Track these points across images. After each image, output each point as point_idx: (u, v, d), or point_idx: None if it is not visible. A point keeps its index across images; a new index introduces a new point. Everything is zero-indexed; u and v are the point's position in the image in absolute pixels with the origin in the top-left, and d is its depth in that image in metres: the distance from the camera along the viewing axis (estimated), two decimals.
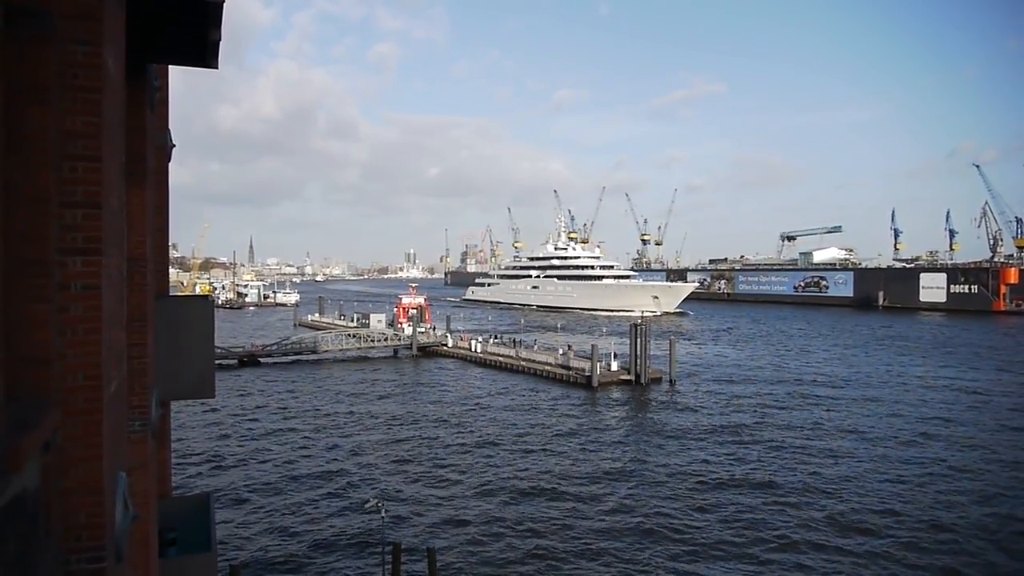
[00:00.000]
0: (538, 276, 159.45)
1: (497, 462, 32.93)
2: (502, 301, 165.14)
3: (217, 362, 58.46)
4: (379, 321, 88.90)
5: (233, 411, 44.61)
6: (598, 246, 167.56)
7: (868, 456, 34.09)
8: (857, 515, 26.35)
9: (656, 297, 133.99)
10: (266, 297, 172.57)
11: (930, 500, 27.97)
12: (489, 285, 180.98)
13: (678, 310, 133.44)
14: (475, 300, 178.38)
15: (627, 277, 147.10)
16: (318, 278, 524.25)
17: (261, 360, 65.84)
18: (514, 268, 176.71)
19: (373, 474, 31.25)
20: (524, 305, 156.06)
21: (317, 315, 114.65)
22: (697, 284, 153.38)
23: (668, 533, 24.70)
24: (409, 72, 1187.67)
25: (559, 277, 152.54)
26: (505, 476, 30.78)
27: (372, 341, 72.01)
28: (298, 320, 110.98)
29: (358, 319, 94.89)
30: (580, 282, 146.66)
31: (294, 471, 31.75)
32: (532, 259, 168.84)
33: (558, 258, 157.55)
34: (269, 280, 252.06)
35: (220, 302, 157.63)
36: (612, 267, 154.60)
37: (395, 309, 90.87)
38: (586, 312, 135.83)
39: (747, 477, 30.80)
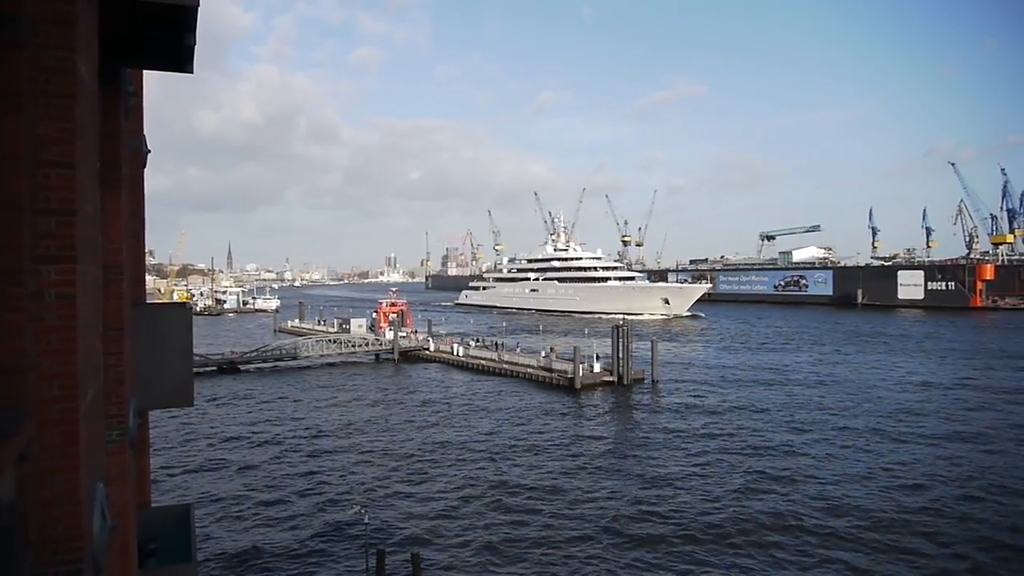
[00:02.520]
0: (537, 279, 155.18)
1: (479, 467, 32.88)
2: (498, 305, 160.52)
3: (196, 370, 58.14)
4: (360, 326, 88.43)
5: (213, 420, 44.17)
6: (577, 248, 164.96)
7: (869, 462, 34.16)
8: (861, 528, 26.55)
9: (666, 300, 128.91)
10: (245, 303, 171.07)
11: (947, 522, 28.24)
12: (484, 289, 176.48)
13: (689, 313, 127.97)
14: (469, 305, 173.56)
15: (633, 278, 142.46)
16: (297, 283, 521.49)
17: (241, 367, 65.33)
18: (511, 271, 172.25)
19: (355, 481, 31.09)
20: (522, 309, 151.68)
21: (297, 321, 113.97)
22: (709, 285, 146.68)
23: (652, 539, 24.80)
24: (390, 75, 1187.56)
25: (560, 279, 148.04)
26: (487, 481, 30.74)
27: (353, 346, 71.71)
28: (278, 326, 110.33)
29: (339, 324, 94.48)
30: (582, 284, 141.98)
31: (275, 479, 31.51)
32: (531, 261, 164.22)
33: (558, 259, 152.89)
34: (248, 286, 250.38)
35: (198, 309, 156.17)
36: (616, 268, 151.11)
37: (376, 314, 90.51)
38: (589, 316, 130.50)
39: (720, 481, 30.97)
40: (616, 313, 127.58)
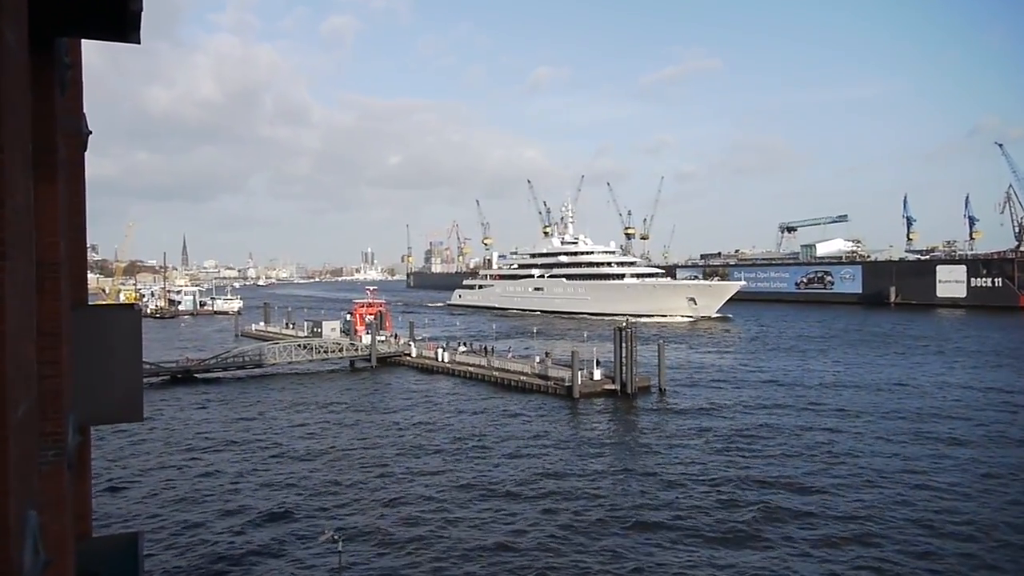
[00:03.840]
0: (542, 276, 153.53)
1: (464, 489, 32.82)
2: (497, 307, 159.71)
3: (146, 380, 57.93)
4: (333, 329, 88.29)
5: (166, 436, 44.01)
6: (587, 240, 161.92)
7: (912, 496, 34.07)
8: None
9: (692, 299, 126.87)
10: (203, 304, 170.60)
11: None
12: (480, 288, 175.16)
13: (719, 315, 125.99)
14: (463, 306, 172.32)
15: (653, 275, 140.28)
16: (262, 282, 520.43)
17: (198, 376, 65.09)
18: (511, 267, 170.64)
19: (328, 503, 31.02)
20: (525, 311, 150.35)
21: (262, 324, 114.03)
22: (742, 282, 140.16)
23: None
24: (368, 49, 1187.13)
25: (568, 277, 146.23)
26: (472, 504, 30.72)
27: (325, 352, 71.59)
28: (240, 330, 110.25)
29: (309, 328, 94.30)
30: (595, 282, 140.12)
31: (237, 502, 31.41)
32: (534, 256, 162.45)
33: (566, 254, 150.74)
34: (206, 285, 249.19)
35: (149, 311, 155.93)
36: (634, 263, 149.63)
37: (351, 316, 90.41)
38: (602, 319, 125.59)
39: (738, 508, 31.05)
40: (634, 315, 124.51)
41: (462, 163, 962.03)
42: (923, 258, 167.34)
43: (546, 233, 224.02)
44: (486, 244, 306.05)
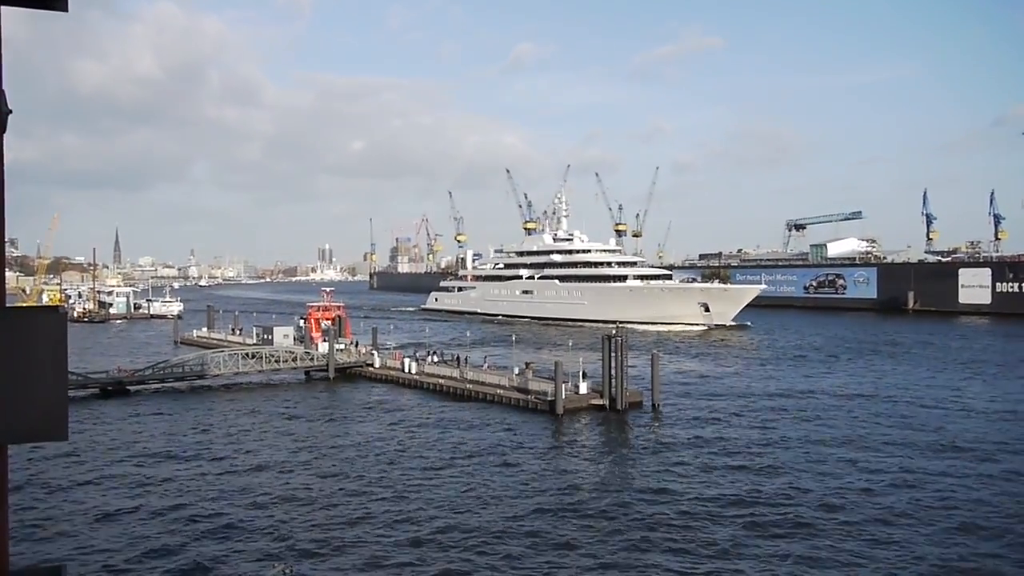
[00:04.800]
0: (531, 277, 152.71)
1: (430, 520, 32.69)
2: (479, 312, 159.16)
3: (72, 393, 57.39)
4: (286, 336, 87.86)
5: (94, 456, 43.60)
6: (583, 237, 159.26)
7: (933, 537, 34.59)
8: None
9: (705, 305, 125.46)
10: (138, 307, 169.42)
11: None
12: (459, 290, 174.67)
13: (734, 322, 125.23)
14: (440, 311, 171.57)
15: (659, 277, 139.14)
16: (205, 282, 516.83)
17: (131, 389, 64.51)
18: (496, 266, 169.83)
19: (278, 534, 30.85)
20: (512, 317, 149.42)
21: (205, 330, 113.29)
22: (762, 286, 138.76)
23: None
24: (328, 20, 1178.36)
25: (561, 278, 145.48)
26: (439, 539, 30.58)
27: (276, 362, 71.19)
28: (180, 337, 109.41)
29: (258, 334, 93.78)
30: (593, 284, 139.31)
31: (175, 530, 31.17)
32: (521, 254, 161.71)
33: (560, 252, 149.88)
34: (141, 285, 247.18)
35: (76, 314, 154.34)
36: (636, 263, 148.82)
37: (306, 321, 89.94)
38: (603, 326, 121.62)
39: (741, 557, 31.22)
40: (638, 322, 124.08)
41: (433, 150, 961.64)
42: (944, 260, 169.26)
43: (527, 229, 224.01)
44: (459, 241, 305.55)
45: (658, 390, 56.97)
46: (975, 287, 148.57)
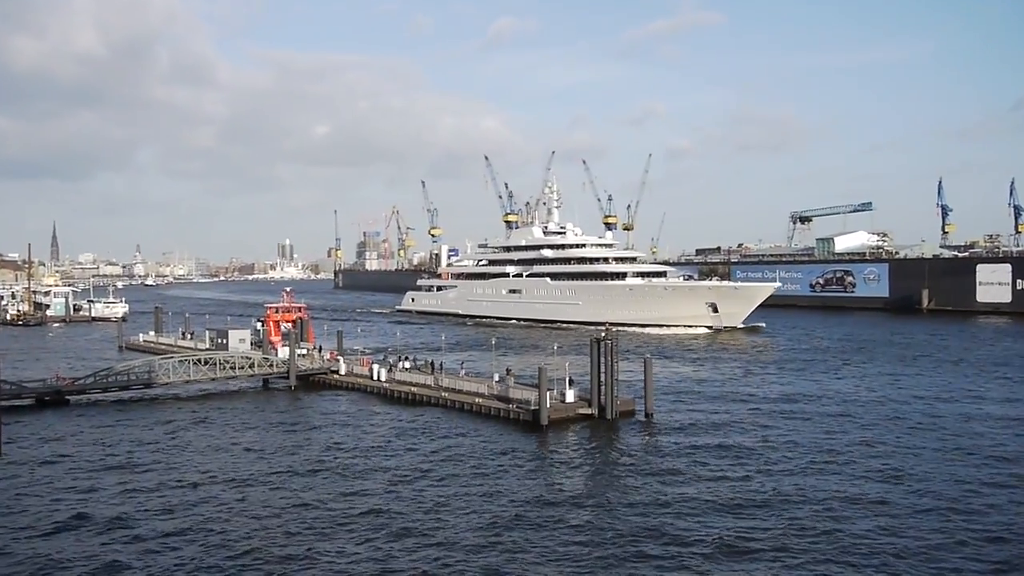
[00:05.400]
0: (519, 274, 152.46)
1: (399, 541, 32.36)
2: (461, 313, 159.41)
3: (3, 403, 56.67)
4: (242, 341, 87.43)
5: (28, 474, 43.07)
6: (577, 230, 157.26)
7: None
8: None
9: (713, 305, 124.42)
10: (78, 309, 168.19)
11: None
12: (439, 289, 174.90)
13: (744, 324, 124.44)
14: (417, 312, 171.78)
15: (661, 274, 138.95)
16: (150, 281, 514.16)
17: (71, 399, 64.00)
18: (480, 262, 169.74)
19: (229, 565, 30.53)
20: (498, 319, 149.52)
21: (153, 333, 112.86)
22: (776, 284, 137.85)
23: None
24: None
25: (553, 276, 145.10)
26: (409, 565, 30.27)
27: (232, 369, 70.70)
28: (125, 341, 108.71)
29: (212, 338, 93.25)
30: (588, 283, 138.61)
31: (117, 551, 30.78)
32: (508, 249, 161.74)
33: (551, 247, 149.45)
34: (82, 285, 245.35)
35: (9, 317, 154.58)
36: (635, 259, 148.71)
37: (264, 324, 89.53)
38: (599, 328, 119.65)
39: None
40: (639, 325, 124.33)
41: (404, 135, 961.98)
42: (961, 255, 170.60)
43: (508, 222, 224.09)
44: (433, 235, 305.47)
45: (652, 397, 56.97)
46: (994, 284, 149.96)
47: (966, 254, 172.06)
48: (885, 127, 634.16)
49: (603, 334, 56.37)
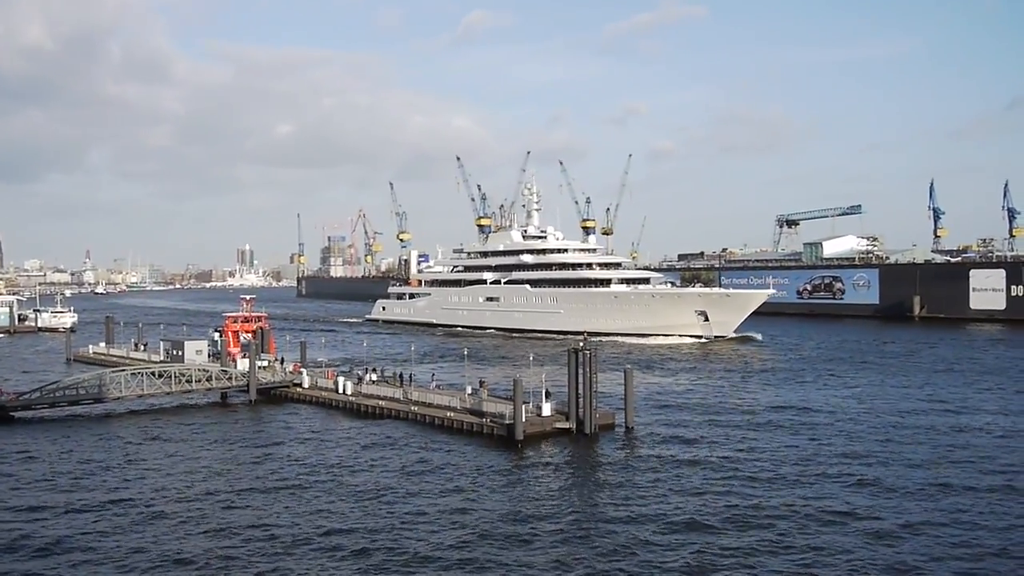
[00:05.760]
0: (497, 281, 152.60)
1: (364, 566, 32.31)
2: (435, 322, 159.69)
3: None
4: (199, 352, 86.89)
5: None
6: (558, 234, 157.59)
7: None
8: None
9: (703, 314, 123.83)
10: (22, 319, 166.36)
11: None
12: (411, 297, 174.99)
13: (737, 334, 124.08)
14: (388, 321, 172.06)
15: (647, 281, 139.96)
16: (101, 289, 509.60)
17: (15, 415, 63.39)
18: (455, 269, 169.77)
19: None
20: (474, 328, 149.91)
21: (103, 345, 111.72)
22: (771, 290, 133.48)
23: None
24: None
25: (533, 283, 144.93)
26: None
27: (188, 382, 70.24)
28: (74, 353, 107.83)
29: (167, 350, 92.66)
30: (570, 290, 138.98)
31: None
32: (486, 254, 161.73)
33: (531, 252, 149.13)
34: (28, 293, 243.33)
35: None
36: (620, 264, 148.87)
37: (222, 334, 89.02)
38: (582, 338, 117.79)
39: None
40: (624, 334, 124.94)
41: (371, 134, 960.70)
42: (953, 260, 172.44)
43: (480, 226, 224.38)
44: (402, 240, 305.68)
45: (632, 410, 57.27)
46: (988, 291, 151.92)
47: (959, 259, 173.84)
48: (876, 127, 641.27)
49: (581, 343, 56.56)
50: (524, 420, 53.78)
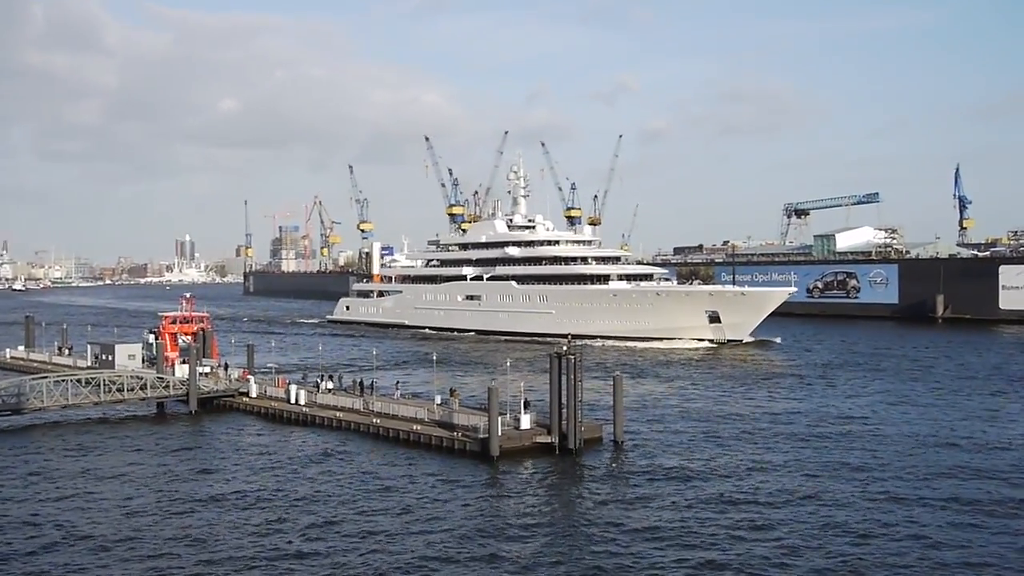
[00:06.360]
0: (479, 277, 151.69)
1: None
2: (407, 324, 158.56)
3: None
4: (131, 357, 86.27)
5: None
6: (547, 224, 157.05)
7: None
8: None
9: (714, 315, 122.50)
10: None
11: None
12: (380, 295, 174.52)
13: (752, 338, 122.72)
14: (353, 322, 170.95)
15: (648, 277, 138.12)
16: (19, 285, 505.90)
17: None
18: (430, 263, 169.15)
19: None
20: (453, 331, 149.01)
21: (22, 349, 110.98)
22: (792, 289, 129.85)
23: None
24: None
25: (520, 279, 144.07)
26: None
27: (120, 391, 69.71)
28: None
29: (95, 354, 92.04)
30: (563, 287, 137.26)
31: None
32: (465, 247, 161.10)
33: (517, 243, 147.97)
34: None
35: None
36: (619, 259, 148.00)
37: (158, 336, 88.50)
38: (576, 342, 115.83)
39: None
40: (624, 338, 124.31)
41: (328, 111, 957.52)
42: (981, 255, 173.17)
43: (452, 215, 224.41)
44: (363, 230, 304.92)
45: (622, 422, 57.23)
46: (1019, 288, 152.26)
47: (987, 253, 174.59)
48: (895, 105, 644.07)
49: (565, 347, 56.38)
50: (500, 434, 53.65)
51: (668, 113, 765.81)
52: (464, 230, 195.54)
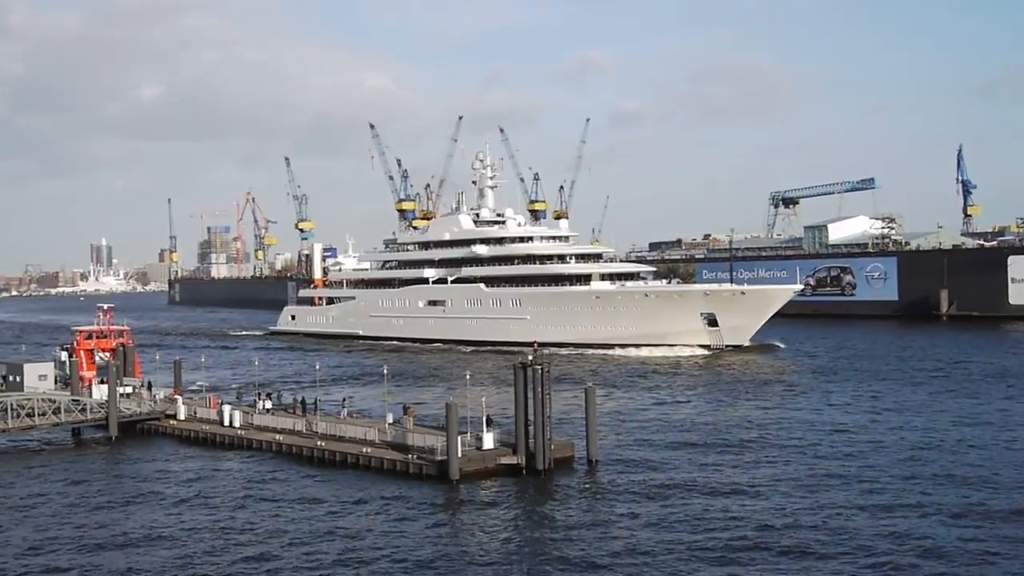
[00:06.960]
0: (442, 280, 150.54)
1: None
2: (362, 334, 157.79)
3: None
4: (43, 377, 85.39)
5: None
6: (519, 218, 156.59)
7: None
8: None
9: (710, 318, 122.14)
10: None
11: None
12: (330, 303, 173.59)
13: (752, 342, 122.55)
14: (299, 334, 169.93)
15: (634, 276, 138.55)
16: None
17: None
18: (387, 264, 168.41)
19: None
20: (414, 342, 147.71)
21: None
22: (798, 286, 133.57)
23: None
24: None
25: (490, 280, 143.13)
26: None
27: (29, 416, 69.14)
28: None
29: (1, 375, 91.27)
30: (539, 289, 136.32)
31: None
32: (426, 245, 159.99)
33: (485, 241, 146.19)
34: None
35: None
36: (601, 256, 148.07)
37: (72, 353, 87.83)
38: (557, 350, 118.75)
39: None
40: (608, 345, 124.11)
41: (262, 97, 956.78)
42: (988, 245, 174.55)
43: (402, 211, 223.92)
44: (302, 230, 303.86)
45: (596, 440, 57.25)
46: None
47: (994, 243, 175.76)
48: (891, 82, 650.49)
49: (530, 357, 56.33)
50: (460, 455, 53.65)
51: (642, 93, 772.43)
52: (416, 227, 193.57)
